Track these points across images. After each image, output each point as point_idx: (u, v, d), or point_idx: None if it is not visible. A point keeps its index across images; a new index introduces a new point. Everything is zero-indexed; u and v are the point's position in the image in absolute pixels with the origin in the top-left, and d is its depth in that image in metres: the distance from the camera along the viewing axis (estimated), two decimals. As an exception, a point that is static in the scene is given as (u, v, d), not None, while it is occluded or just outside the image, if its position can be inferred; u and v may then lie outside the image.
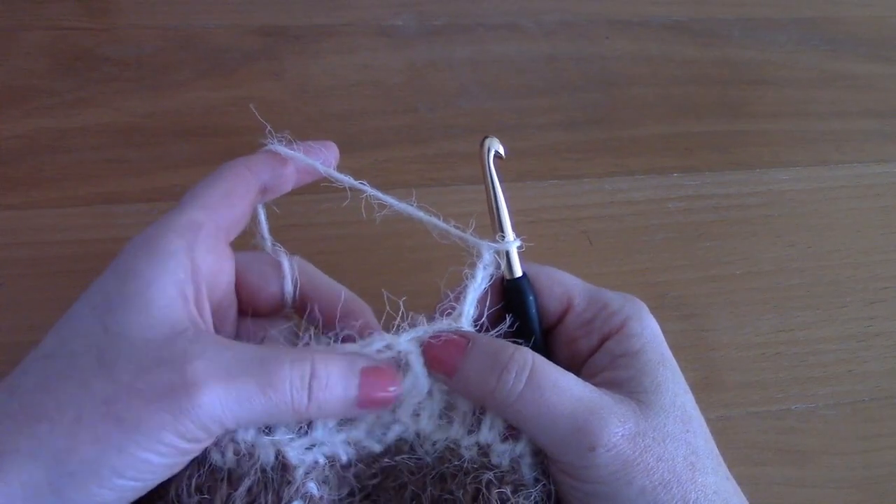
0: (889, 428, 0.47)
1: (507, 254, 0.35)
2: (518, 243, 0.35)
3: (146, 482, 0.28)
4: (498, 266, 0.35)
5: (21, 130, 0.51)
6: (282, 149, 0.35)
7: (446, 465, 0.32)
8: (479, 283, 0.34)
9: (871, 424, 0.46)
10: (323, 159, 0.36)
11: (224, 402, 0.28)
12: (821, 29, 0.67)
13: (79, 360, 0.28)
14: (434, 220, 0.35)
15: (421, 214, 0.35)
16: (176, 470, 0.29)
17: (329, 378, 0.30)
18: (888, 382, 0.48)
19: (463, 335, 0.32)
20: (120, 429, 0.26)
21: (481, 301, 0.34)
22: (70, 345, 0.28)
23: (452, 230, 0.35)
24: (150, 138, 0.52)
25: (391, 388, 0.31)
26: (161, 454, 0.27)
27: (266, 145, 0.36)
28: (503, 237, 0.35)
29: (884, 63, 0.66)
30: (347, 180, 0.35)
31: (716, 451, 0.32)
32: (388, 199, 0.35)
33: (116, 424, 0.26)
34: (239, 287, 0.36)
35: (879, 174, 0.58)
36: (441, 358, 0.32)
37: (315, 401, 0.29)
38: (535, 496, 0.31)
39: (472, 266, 0.34)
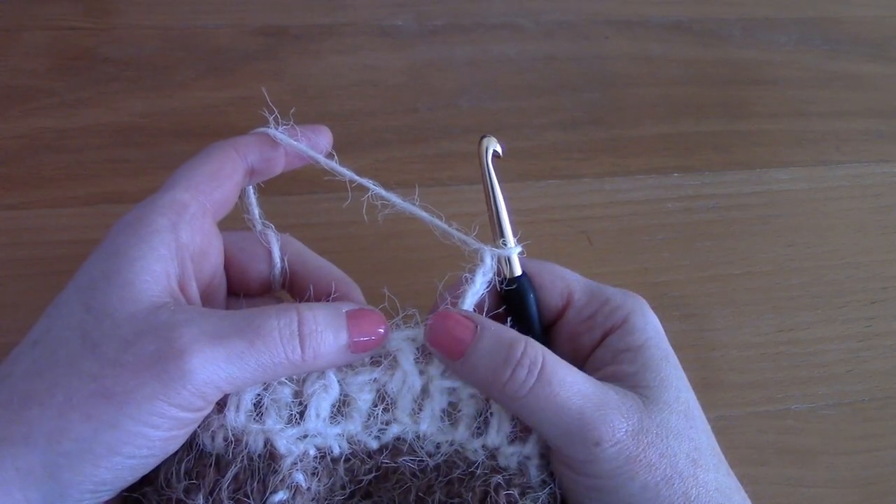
0: (889, 428, 0.46)
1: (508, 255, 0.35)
2: (519, 249, 0.35)
3: (144, 459, 0.28)
4: (498, 272, 0.35)
5: (21, 130, 0.51)
6: (273, 132, 0.35)
7: (454, 468, 0.32)
8: (477, 288, 0.34)
9: (871, 424, 0.46)
10: (313, 144, 0.36)
11: (214, 363, 0.27)
12: (821, 29, 0.67)
13: (65, 342, 0.28)
14: (436, 220, 0.35)
15: (423, 214, 0.35)
16: (176, 444, 0.29)
17: (317, 323, 0.30)
18: (888, 382, 0.48)
19: (468, 316, 0.32)
20: (111, 403, 0.26)
21: (478, 306, 0.34)
22: (56, 329, 0.28)
23: (454, 232, 0.34)
24: (150, 138, 0.52)
25: (380, 329, 0.31)
26: (156, 426, 0.27)
27: (259, 127, 0.35)
28: (503, 240, 0.35)
29: (884, 63, 0.66)
30: (347, 172, 0.35)
31: (717, 447, 0.33)
32: (392, 197, 0.35)
33: (106, 400, 0.26)
34: (228, 266, 0.36)
35: (879, 174, 0.58)
36: (447, 341, 0.32)
37: (309, 349, 0.29)
38: (543, 499, 0.31)
39: (472, 269, 0.34)
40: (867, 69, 0.65)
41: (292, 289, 0.38)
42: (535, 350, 0.31)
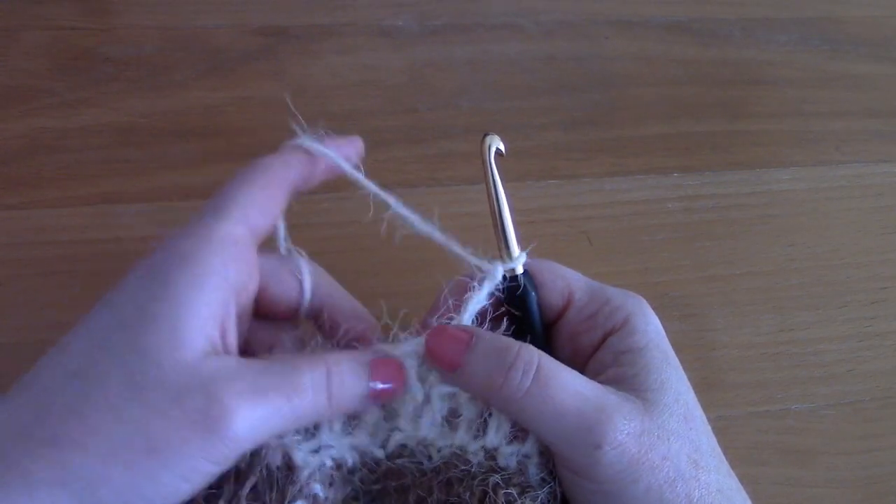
0: (889, 428, 0.47)
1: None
2: (523, 258, 0.35)
3: None
4: (502, 283, 0.35)
5: (21, 130, 0.51)
6: (313, 145, 0.35)
7: (453, 469, 0.32)
8: (482, 299, 0.34)
9: (871, 424, 0.46)
10: (347, 156, 0.36)
11: (257, 421, 0.28)
12: (821, 29, 0.67)
13: (108, 381, 0.27)
14: (451, 243, 0.35)
15: (440, 237, 0.35)
16: (196, 492, 0.29)
17: (343, 377, 0.30)
18: (888, 382, 0.48)
19: (464, 329, 0.32)
20: (153, 457, 0.26)
21: (479, 315, 0.34)
22: (99, 364, 0.28)
23: (470, 258, 0.34)
24: (150, 138, 0.52)
25: (399, 379, 0.32)
26: (190, 481, 0.27)
27: (293, 139, 0.35)
28: (506, 241, 0.35)
29: (884, 63, 0.66)
30: (372, 187, 0.35)
31: (718, 448, 0.33)
32: (410, 216, 0.35)
33: (149, 453, 0.26)
34: (260, 294, 0.35)
35: (879, 174, 0.58)
36: (443, 353, 0.32)
37: (335, 402, 0.30)
38: (542, 497, 0.31)
39: (480, 279, 0.34)
40: (867, 69, 0.65)
41: (312, 314, 0.38)
42: (531, 353, 0.31)
